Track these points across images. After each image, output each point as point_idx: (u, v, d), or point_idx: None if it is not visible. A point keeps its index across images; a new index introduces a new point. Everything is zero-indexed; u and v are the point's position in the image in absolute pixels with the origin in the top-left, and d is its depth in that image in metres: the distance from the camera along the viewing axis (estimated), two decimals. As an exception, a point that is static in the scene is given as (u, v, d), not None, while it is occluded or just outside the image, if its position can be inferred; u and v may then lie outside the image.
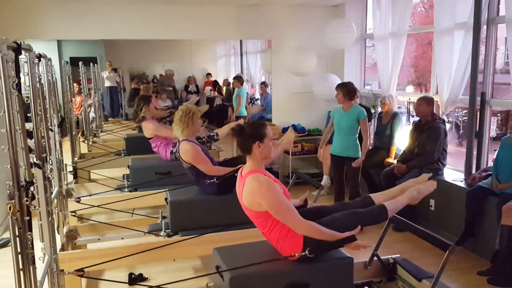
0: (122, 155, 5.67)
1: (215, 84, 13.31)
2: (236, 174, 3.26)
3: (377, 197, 2.57)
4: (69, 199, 3.77)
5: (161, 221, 3.54)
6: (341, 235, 2.32)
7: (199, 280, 2.70)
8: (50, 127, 3.12)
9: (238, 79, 9.17)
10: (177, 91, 12.59)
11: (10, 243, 1.92)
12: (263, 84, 9.57)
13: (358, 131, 4.62)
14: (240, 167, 3.26)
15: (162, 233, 3.40)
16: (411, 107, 8.16)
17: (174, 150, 4.74)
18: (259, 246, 2.57)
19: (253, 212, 2.38)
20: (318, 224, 2.36)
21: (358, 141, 4.62)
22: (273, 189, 2.30)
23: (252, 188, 2.31)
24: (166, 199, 3.53)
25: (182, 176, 4.19)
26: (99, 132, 7.39)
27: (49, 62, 3.50)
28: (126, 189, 4.43)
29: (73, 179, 5.20)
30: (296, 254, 2.30)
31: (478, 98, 4.34)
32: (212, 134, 4.49)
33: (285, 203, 2.31)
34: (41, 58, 2.91)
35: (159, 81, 12.49)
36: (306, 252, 2.27)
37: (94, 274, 3.29)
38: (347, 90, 4.52)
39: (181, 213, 3.41)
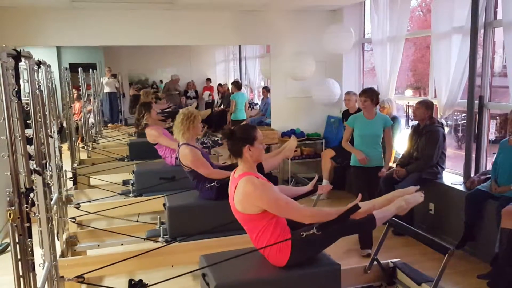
0: (126, 160, 5.69)
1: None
2: None
3: (365, 205, 2.58)
4: (68, 205, 3.77)
5: (159, 227, 3.53)
6: (344, 209, 2.35)
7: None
8: (49, 134, 3.13)
9: (234, 84, 9.28)
10: (181, 94, 12.63)
11: (10, 248, 1.92)
12: (265, 89, 9.62)
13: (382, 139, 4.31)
14: None
15: (160, 239, 3.39)
16: (410, 111, 8.18)
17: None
18: (248, 253, 2.54)
19: (245, 215, 2.38)
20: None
21: (382, 149, 4.33)
22: (268, 189, 2.32)
23: (247, 192, 2.31)
24: (164, 204, 3.53)
25: (187, 181, 4.20)
26: (99, 138, 7.39)
27: (48, 69, 3.51)
28: (131, 194, 4.44)
29: (73, 185, 5.20)
30: (304, 234, 2.31)
31: (476, 102, 4.35)
32: (216, 138, 4.52)
33: (283, 198, 2.33)
34: (41, 65, 2.92)
35: (165, 87, 12.54)
36: (314, 229, 2.30)
37: (94, 280, 3.29)
38: (375, 96, 4.19)
39: (179, 219, 3.40)
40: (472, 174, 4.42)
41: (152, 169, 4.76)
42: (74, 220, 3.73)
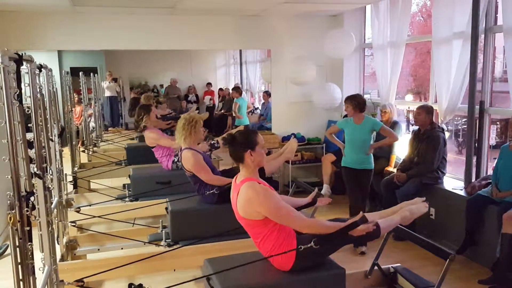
0: (123, 164, 5.67)
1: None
2: None
3: (372, 216, 2.59)
4: (69, 209, 3.77)
5: (161, 230, 3.52)
6: (344, 224, 2.34)
7: None
8: (50, 137, 3.13)
9: (236, 89, 9.41)
10: (181, 99, 12.65)
11: (9, 251, 1.92)
12: (266, 94, 9.63)
13: (372, 143, 4.49)
14: None
15: (162, 242, 3.39)
16: (411, 116, 8.18)
17: (176, 160, 4.77)
18: (252, 257, 2.53)
19: (249, 221, 2.38)
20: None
21: (371, 153, 4.52)
22: (270, 196, 2.32)
23: (249, 197, 2.31)
24: (166, 208, 3.53)
25: (182, 186, 4.19)
26: (99, 141, 7.39)
27: (49, 73, 3.52)
28: (127, 199, 4.43)
29: (73, 189, 5.19)
30: (302, 247, 2.29)
31: (477, 107, 4.35)
32: (213, 142, 4.54)
33: (284, 207, 2.33)
34: (42, 69, 2.93)
35: (165, 91, 12.59)
36: (312, 243, 2.28)
37: (94, 284, 3.28)
38: (356, 103, 4.35)
39: (182, 223, 3.40)
40: (473, 179, 4.41)
41: (148, 174, 4.75)
42: (74, 224, 3.73)
